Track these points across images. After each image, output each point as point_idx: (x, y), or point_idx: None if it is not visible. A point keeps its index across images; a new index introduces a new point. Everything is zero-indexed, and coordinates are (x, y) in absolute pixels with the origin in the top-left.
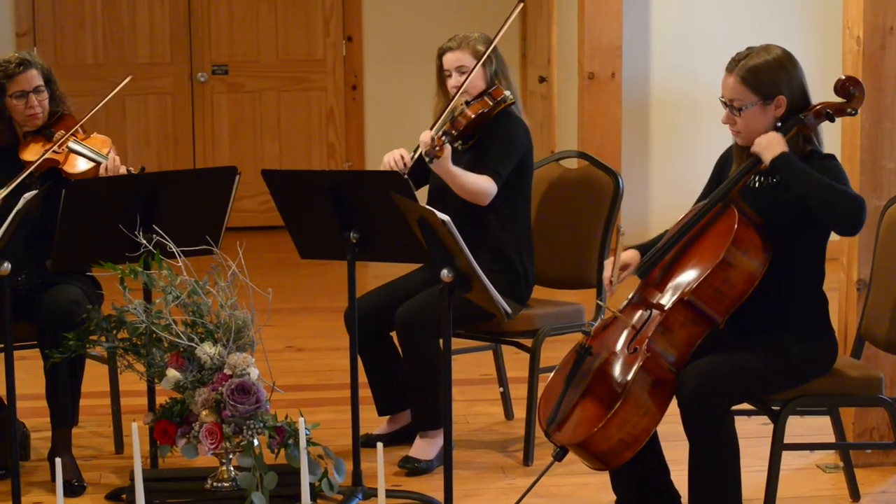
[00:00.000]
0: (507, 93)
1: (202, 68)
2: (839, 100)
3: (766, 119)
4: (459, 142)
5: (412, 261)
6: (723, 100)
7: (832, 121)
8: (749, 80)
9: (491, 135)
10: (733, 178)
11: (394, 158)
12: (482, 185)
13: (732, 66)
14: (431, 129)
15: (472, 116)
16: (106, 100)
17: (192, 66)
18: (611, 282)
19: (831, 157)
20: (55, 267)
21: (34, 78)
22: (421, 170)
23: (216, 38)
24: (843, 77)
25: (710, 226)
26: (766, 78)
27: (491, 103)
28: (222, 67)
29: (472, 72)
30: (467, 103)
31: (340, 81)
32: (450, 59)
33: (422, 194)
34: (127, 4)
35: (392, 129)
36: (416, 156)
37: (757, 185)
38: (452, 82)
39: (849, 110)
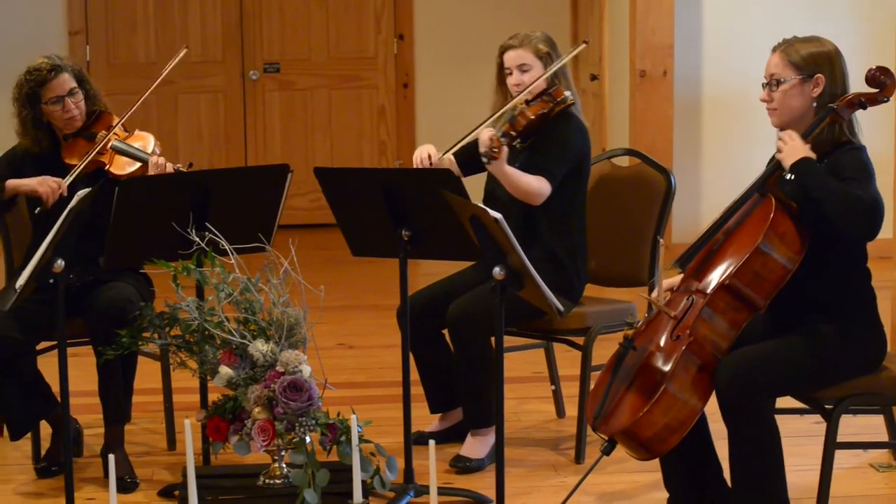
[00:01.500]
0: (568, 93)
1: (254, 66)
2: (872, 90)
3: (803, 98)
4: (518, 140)
5: (464, 258)
6: (764, 81)
7: (864, 108)
8: (791, 56)
9: (548, 135)
10: (768, 168)
11: (421, 157)
12: (536, 186)
13: (779, 45)
14: (485, 124)
15: (532, 117)
16: (161, 76)
17: (244, 64)
18: (657, 301)
19: (859, 149)
20: (108, 264)
21: (67, 81)
22: (468, 160)
23: (268, 37)
24: (874, 67)
25: (748, 214)
26: (808, 57)
27: (551, 104)
28: (274, 65)
29: (536, 80)
30: (527, 103)
31: (392, 79)
32: (511, 57)
33: (472, 187)
34: (179, 3)
35: (443, 126)
36: (458, 147)
37: (792, 176)
38: (513, 80)
39: (881, 99)
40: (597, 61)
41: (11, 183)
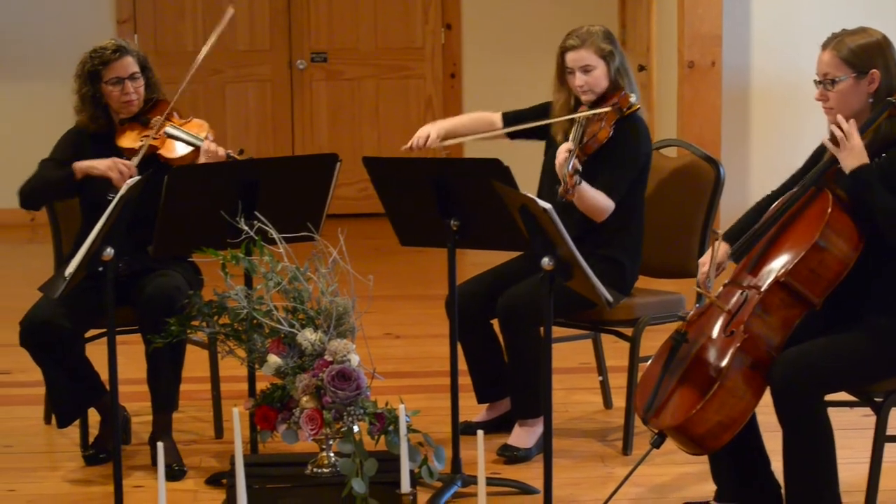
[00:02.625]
0: (633, 98)
1: (301, 56)
2: None
3: (859, 95)
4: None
5: (513, 249)
6: (816, 78)
7: None
8: (844, 54)
9: (614, 149)
10: (825, 162)
11: (418, 137)
12: (602, 204)
13: (829, 42)
14: (553, 124)
15: (604, 141)
16: (211, 41)
17: (292, 53)
18: (706, 284)
19: None
20: (157, 253)
21: (130, 65)
22: (520, 132)
23: (315, 26)
24: None
25: (804, 209)
26: (861, 52)
27: (617, 115)
28: (321, 55)
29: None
30: (593, 106)
31: (439, 69)
32: (573, 58)
33: (520, 169)
34: None
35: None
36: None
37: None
38: (577, 81)
39: None
40: (644, 51)
41: (81, 165)
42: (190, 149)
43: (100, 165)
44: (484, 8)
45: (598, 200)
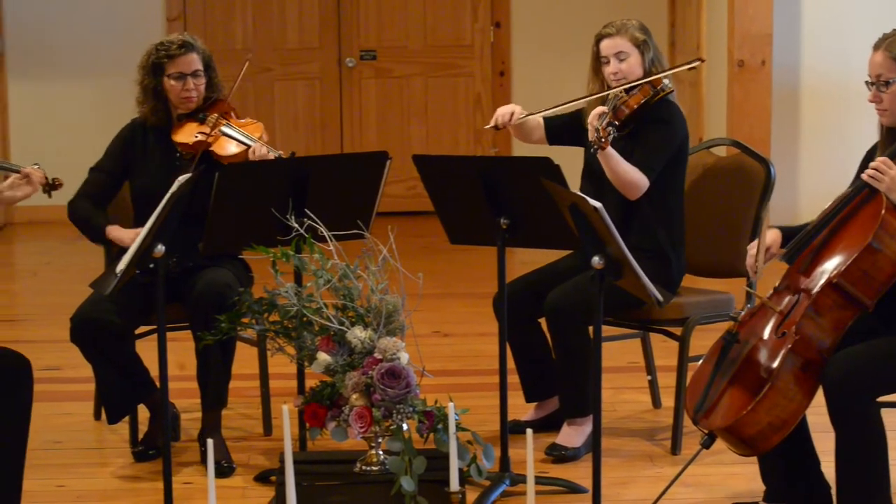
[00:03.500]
0: (667, 81)
1: (350, 54)
2: None
3: None
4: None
5: (562, 247)
6: (868, 80)
7: None
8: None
9: (648, 125)
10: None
11: (502, 114)
12: (635, 178)
13: (880, 43)
14: (581, 101)
15: (635, 107)
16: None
17: (341, 51)
18: (755, 267)
19: None
20: (207, 250)
21: (194, 62)
22: (558, 132)
23: (364, 24)
24: None
25: (857, 211)
26: None
27: (651, 91)
28: (370, 53)
29: (639, 83)
30: (627, 91)
31: (488, 67)
32: (608, 46)
33: (567, 161)
34: None
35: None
36: (550, 111)
37: None
38: (610, 69)
39: None
40: (694, 51)
41: (112, 234)
42: (242, 148)
43: (126, 239)
44: (533, 6)
45: (628, 171)
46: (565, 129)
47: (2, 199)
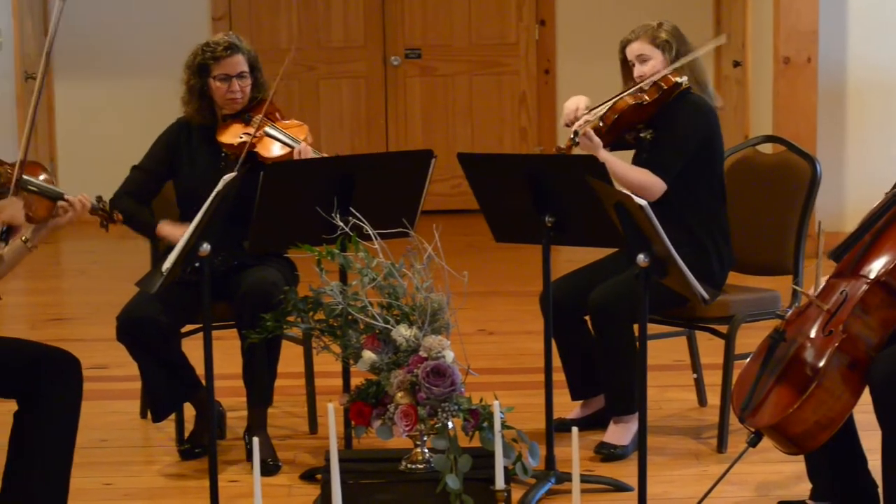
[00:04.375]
0: (679, 78)
1: (395, 52)
2: None
3: None
4: (647, 131)
5: (608, 245)
6: None
7: None
8: None
9: (664, 126)
10: None
11: (568, 110)
12: (643, 180)
13: None
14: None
15: (623, 110)
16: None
17: (386, 49)
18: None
19: None
20: (253, 248)
21: (240, 63)
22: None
23: (409, 22)
24: None
25: None
26: None
27: (657, 93)
28: (415, 51)
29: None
30: (644, 91)
31: (533, 65)
32: (631, 50)
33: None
34: None
35: None
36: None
37: None
38: (636, 72)
39: None
40: (740, 48)
41: (164, 231)
42: (286, 150)
43: (178, 235)
44: (578, 4)
45: (628, 173)
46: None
47: (48, 227)
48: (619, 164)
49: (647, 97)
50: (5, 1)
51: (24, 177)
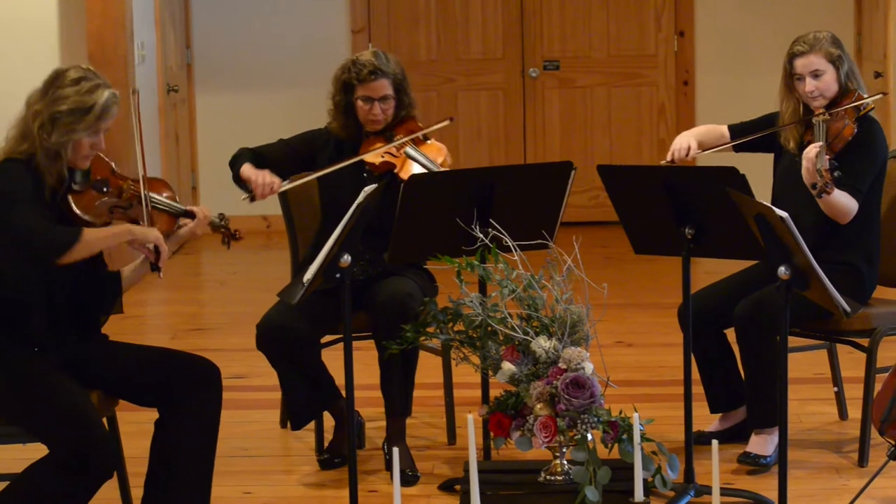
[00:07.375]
0: (868, 98)
1: (534, 64)
2: None
3: None
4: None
5: (748, 257)
6: None
7: None
8: None
9: (854, 149)
10: None
11: (677, 147)
12: (849, 205)
13: None
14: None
15: (849, 139)
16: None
17: (524, 61)
18: None
19: None
20: (392, 259)
21: (384, 87)
22: (746, 144)
23: (548, 34)
24: None
25: None
26: None
27: (856, 114)
28: (553, 63)
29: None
30: (827, 110)
31: (672, 77)
32: (802, 64)
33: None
34: (461, 0)
35: (724, 124)
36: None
37: None
38: (807, 87)
39: None
40: (881, 58)
41: (245, 174)
42: (423, 171)
43: (252, 177)
44: (717, 15)
45: (842, 201)
46: (755, 140)
47: (171, 241)
48: (838, 194)
49: (848, 120)
50: (148, 15)
51: (150, 193)
